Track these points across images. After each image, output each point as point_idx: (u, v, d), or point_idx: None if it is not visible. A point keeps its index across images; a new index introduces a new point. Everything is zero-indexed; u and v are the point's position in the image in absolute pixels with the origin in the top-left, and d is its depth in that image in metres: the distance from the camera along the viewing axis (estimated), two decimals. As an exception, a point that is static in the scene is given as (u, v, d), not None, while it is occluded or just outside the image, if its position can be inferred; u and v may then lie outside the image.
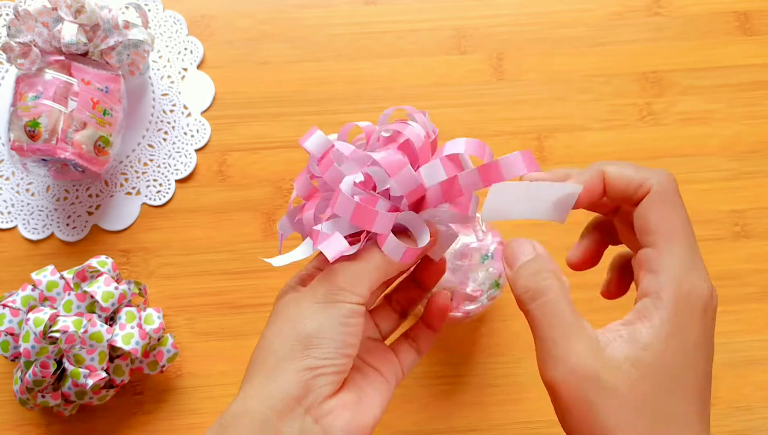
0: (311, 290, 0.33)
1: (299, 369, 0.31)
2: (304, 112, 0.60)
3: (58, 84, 0.53)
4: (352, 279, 0.32)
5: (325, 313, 0.32)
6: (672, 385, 0.28)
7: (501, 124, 0.60)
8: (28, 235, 0.58)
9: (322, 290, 0.33)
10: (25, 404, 0.52)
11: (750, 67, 0.62)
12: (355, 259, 0.33)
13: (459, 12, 0.63)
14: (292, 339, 0.32)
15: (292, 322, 0.32)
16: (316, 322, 0.32)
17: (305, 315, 0.32)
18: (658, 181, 0.31)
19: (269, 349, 0.32)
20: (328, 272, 0.33)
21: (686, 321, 0.28)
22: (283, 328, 0.32)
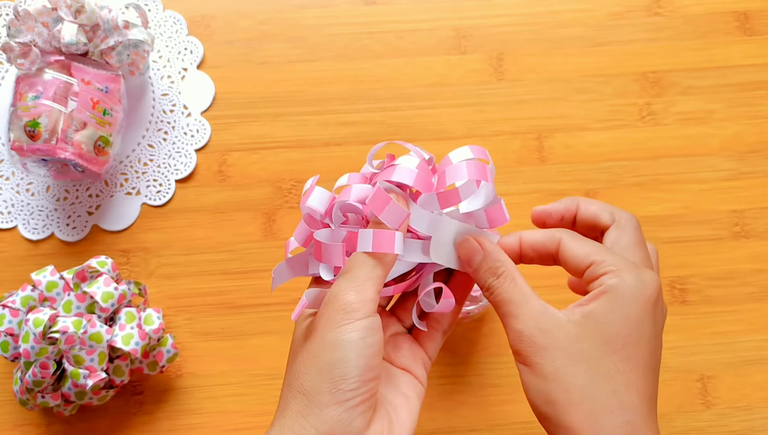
0: (323, 315, 0.32)
1: (330, 404, 0.30)
2: (304, 112, 0.60)
3: (58, 84, 0.53)
4: (358, 288, 0.32)
5: (342, 339, 0.31)
6: (612, 347, 0.31)
7: (501, 124, 0.60)
8: (28, 235, 0.58)
9: (333, 313, 0.32)
10: (25, 404, 0.52)
11: (750, 67, 0.62)
12: (348, 271, 0.33)
13: (459, 12, 0.63)
14: (317, 375, 0.31)
15: (313, 358, 0.31)
16: (337, 353, 0.31)
17: (324, 347, 0.31)
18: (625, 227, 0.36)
19: (297, 388, 0.31)
20: (335, 289, 0.32)
21: (633, 301, 0.31)
22: (307, 365, 0.32)
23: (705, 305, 0.57)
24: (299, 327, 0.34)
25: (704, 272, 0.58)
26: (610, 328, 0.31)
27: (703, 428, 0.55)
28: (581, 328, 0.31)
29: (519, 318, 0.32)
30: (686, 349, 0.56)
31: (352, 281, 0.32)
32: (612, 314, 0.31)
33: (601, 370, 0.31)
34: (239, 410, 0.55)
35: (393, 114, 0.60)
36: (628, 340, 0.31)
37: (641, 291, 0.31)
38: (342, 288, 0.32)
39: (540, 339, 0.32)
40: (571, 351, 0.31)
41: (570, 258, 0.34)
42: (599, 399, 0.30)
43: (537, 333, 0.32)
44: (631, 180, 0.59)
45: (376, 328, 0.32)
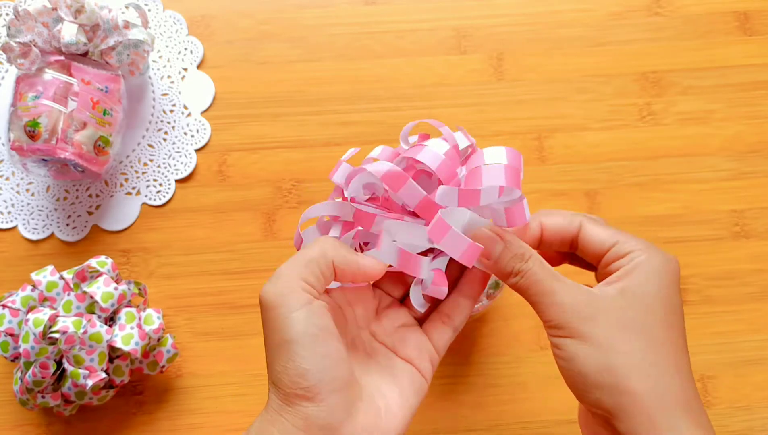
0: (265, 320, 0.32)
1: (300, 400, 0.30)
2: (304, 112, 0.60)
3: (58, 84, 0.53)
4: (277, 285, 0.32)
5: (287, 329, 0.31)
6: (656, 316, 0.32)
7: (501, 124, 0.60)
8: (28, 235, 0.58)
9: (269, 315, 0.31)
10: (25, 404, 0.52)
11: (750, 67, 0.62)
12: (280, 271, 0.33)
13: (459, 12, 0.63)
14: (282, 371, 0.31)
15: (273, 354, 0.31)
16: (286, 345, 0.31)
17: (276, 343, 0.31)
18: None
19: (273, 382, 0.31)
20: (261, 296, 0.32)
21: (664, 275, 0.33)
22: (270, 359, 0.32)
23: (705, 305, 0.57)
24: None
25: (704, 272, 0.58)
26: (649, 299, 0.32)
27: (703, 428, 0.55)
28: (624, 299, 0.32)
29: (558, 293, 0.33)
30: (686, 349, 0.56)
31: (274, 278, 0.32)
32: (648, 286, 0.32)
33: (652, 336, 0.32)
34: (239, 410, 0.55)
35: (393, 114, 0.60)
36: (667, 310, 0.32)
37: (669, 266, 0.33)
38: (266, 287, 0.32)
39: (586, 309, 0.32)
40: (620, 318, 0.32)
41: (593, 238, 0.34)
42: (658, 364, 0.31)
43: (582, 303, 0.32)
44: (631, 180, 0.59)
45: (314, 315, 0.31)
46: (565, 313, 0.32)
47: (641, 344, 0.31)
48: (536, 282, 0.33)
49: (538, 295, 0.33)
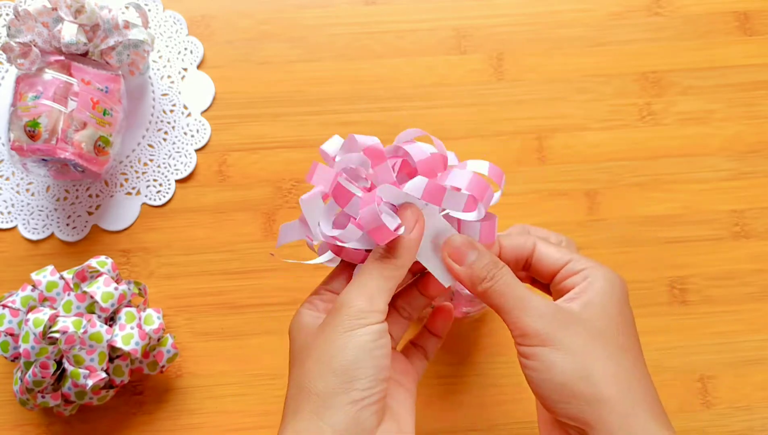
0: (334, 320, 0.33)
1: (345, 403, 0.31)
2: (304, 112, 0.60)
3: (58, 84, 0.53)
4: (367, 297, 0.33)
5: (355, 341, 0.32)
6: (618, 328, 0.34)
7: (501, 124, 0.60)
8: (28, 235, 0.58)
9: (345, 318, 0.33)
10: (25, 404, 0.52)
11: (750, 67, 0.62)
12: (362, 275, 0.34)
13: (459, 12, 0.63)
14: (331, 375, 0.32)
15: (327, 360, 0.32)
16: (350, 355, 0.32)
17: (338, 349, 0.32)
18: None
19: (310, 390, 0.32)
20: (342, 296, 0.34)
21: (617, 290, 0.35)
22: (319, 367, 0.32)
23: (705, 305, 0.57)
24: (301, 332, 0.35)
25: (704, 272, 0.58)
26: (610, 311, 0.34)
27: (703, 428, 0.55)
28: (588, 311, 0.34)
29: (533, 301, 0.34)
30: (686, 349, 0.57)
31: (363, 289, 0.33)
32: (607, 299, 0.34)
33: (618, 344, 0.33)
34: (239, 410, 0.55)
35: (393, 114, 0.60)
36: (626, 320, 0.34)
37: (619, 281, 0.35)
38: (353, 296, 0.33)
39: (562, 316, 0.33)
40: (590, 329, 0.33)
41: (546, 257, 0.36)
42: (627, 370, 0.32)
43: (557, 312, 0.33)
44: (631, 180, 0.59)
45: (386, 331, 0.33)
46: (542, 318, 0.33)
47: (612, 351, 0.32)
48: (511, 288, 0.34)
49: (512, 300, 0.34)
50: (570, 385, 0.32)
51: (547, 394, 0.32)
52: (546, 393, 0.32)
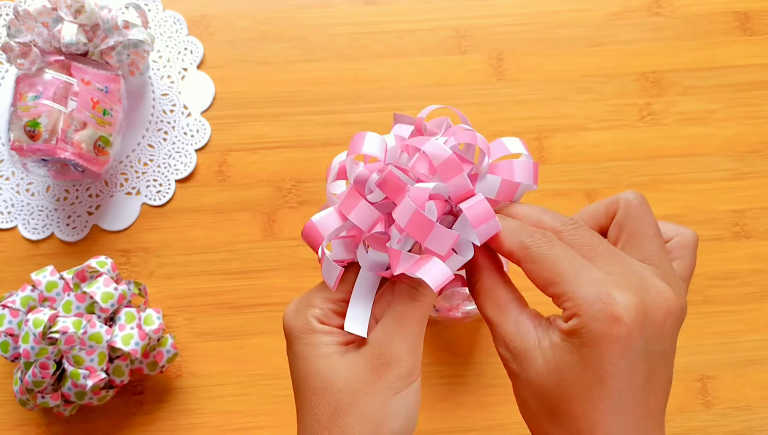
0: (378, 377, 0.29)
1: None
2: (304, 112, 0.60)
3: (58, 84, 0.53)
4: (413, 352, 0.30)
5: (404, 405, 0.29)
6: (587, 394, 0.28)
7: (501, 124, 0.60)
8: (28, 235, 0.58)
9: (392, 379, 0.29)
10: (25, 405, 0.52)
11: (750, 67, 0.62)
12: (405, 324, 0.30)
13: (459, 12, 0.63)
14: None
15: (374, 422, 0.29)
16: (400, 420, 0.29)
17: (388, 412, 0.29)
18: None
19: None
20: (388, 351, 0.29)
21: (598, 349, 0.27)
22: (366, 426, 0.29)
23: (705, 305, 0.57)
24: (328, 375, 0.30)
25: (704, 272, 0.58)
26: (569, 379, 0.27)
27: (703, 428, 0.55)
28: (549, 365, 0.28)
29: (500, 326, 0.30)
30: (686, 349, 0.57)
31: (410, 338, 0.30)
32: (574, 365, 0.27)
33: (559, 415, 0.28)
34: (239, 410, 0.55)
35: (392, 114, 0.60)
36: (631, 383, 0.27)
37: (609, 331, 0.26)
38: (402, 351, 0.29)
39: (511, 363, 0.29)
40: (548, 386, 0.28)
41: (531, 279, 0.29)
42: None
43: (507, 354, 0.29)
44: (631, 180, 0.59)
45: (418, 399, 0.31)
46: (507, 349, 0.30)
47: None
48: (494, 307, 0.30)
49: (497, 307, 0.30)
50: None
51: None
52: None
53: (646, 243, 0.30)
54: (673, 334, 0.28)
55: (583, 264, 0.28)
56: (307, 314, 0.31)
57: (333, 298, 0.31)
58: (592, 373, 0.27)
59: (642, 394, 0.27)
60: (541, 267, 0.28)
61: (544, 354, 0.28)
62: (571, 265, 0.28)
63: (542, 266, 0.28)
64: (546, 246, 0.29)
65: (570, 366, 0.27)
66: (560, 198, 0.59)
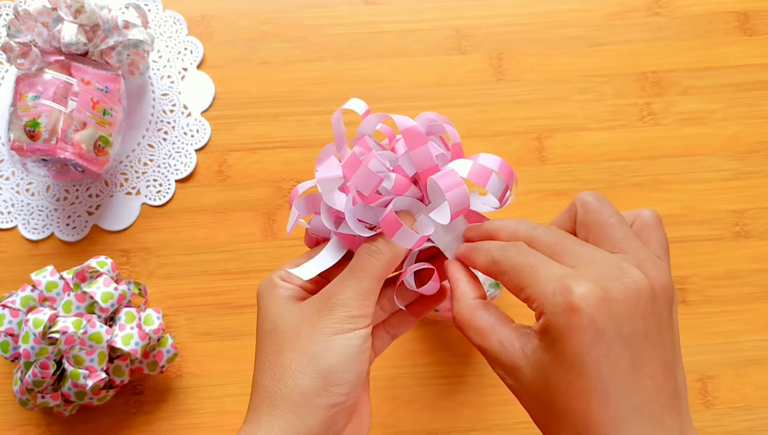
0: (325, 318, 0.32)
1: (324, 406, 0.31)
2: (304, 112, 0.60)
3: (58, 84, 0.53)
4: (360, 300, 0.32)
5: (343, 344, 0.31)
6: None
7: (501, 124, 0.60)
8: (28, 235, 0.58)
9: (337, 320, 0.32)
10: (25, 405, 0.52)
11: (750, 67, 0.62)
12: (357, 274, 0.32)
13: (459, 12, 0.63)
14: (315, 377, 0.31)
15: (311, 359, 0.31)
16: (337, 359, 0.31)
17: (325, 350, 0.31)
18: None
19: (290, 387, 0.32)
20: (335, 295, 0.32)
21: (564, 341, 0.27)
22: (303, 365, 0.32)
23: (705, 305, 0.57)
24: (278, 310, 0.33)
25: (704, 272, 0.58)
26: (552, 377, 0.28)
27: (703, 428, 0.55)
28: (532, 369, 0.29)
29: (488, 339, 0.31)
30: (686, 349, 0.56)
31: (359, 288, 0.32)
32: (552, 362, 0.28)
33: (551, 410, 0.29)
34: (239, 410, 0.55)
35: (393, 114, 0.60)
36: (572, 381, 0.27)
37: (570, 321, 0.27)
38: (349, 297, 0.32)
39: (507, 379, 0.30)
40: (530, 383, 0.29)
41: (510, 290, 0.30)
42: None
43: (501, 372, 0.30)
44: (631, 180, 0.59)
45: (370, 336, 0.33)
46: (496, 362, 0.30)
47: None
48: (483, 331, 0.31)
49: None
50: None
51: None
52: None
53: (611, 232, 0.30)
54: (655, 313, 0.28)
55: (547, 263, 0.29)
56: (273, 275, 0.35)
57: (297, 262, 0.35)
58: (569, 367, 0.27)
59: (631, 379, 0.27)
60: (510, 276, 0.30)
61: (528, 361, 0.29)
62: (534, 267, 0.29)
63: (511, 275, 0.30)
64: (514, 256, 0.30)
65: (549, 365, 0.28)
66: (560, 198, 0.59)
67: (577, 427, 0.27)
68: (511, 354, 0.29)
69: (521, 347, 0.29)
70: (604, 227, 0.30)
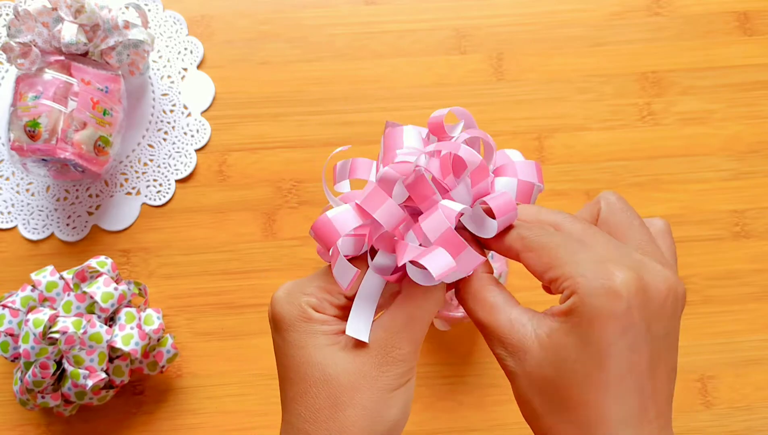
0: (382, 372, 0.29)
1: None
2: (304, 112, 0.60)
3: (58, 84, 0.53)
4: (417, 351, 0.30)
5: (403, 398, 0.29)
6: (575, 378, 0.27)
7: (501, 124, 0.60)
8: (28, 235, 0.58)
9: (396, 375, 0.29)
10: (25, 405, 0.52)
11: (750, 67, 0.62)
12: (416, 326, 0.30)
13: (459, 12, 0.63)
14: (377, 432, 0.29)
15: (374, 415, 0.29)
16: (399, 413, 0.29)
17: (389, 406, 0.29)
18: None
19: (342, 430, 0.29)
20: (395, 349, 0.29)
21: (598, 325, 0.26)
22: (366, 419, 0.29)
23: (705, 305, 0.57)
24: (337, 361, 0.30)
25: (704, 272, 0.58)
26: (569, 364, 0.27)
27: (703, 428, 0.55)
28: (545, 352, 0.28)
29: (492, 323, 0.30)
30: (686, 349, 0.56)
31: (417, 340, 0.30)
32: (573, 347, 0.27)
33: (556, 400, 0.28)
34: (239, 410, 0.55)
35: (393, 114, 0.60)
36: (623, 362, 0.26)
37: (608, 306, 0.26)
38: (408, 350, 0.29)
39: (508, 361, 0.29)
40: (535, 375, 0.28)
41: (531, 270, 0.29)
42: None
43: (504, 353, 0.29)
44: (631, 180, 0.59)
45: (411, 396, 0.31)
46: (497, 343, 0.29)
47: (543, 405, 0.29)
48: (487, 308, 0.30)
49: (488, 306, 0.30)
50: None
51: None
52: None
53: (634, 233, 0.30)
54: (676, 316, 0.28)
55: (582, 246, 0.28)
56: (301, 301, 0.30)
57: (328, 287, 0.30)
58: (591, 355, 0.26)
59: (647, 379, 0.26)
60: (539, 253, 0.28)
61: (541, 343, 0.27)
62: (569, 248, 0.28)
63: (540, 253, 0.28)
64: (544, 234, 0.29)
65: (569, 349, 0.26)
66: (560, 198, 0.59)
67: (585, 421, 0.26)
68: (521, 334, 0.28)
69: (534, 329, 0.28)
70: (630, 228, 0.30)
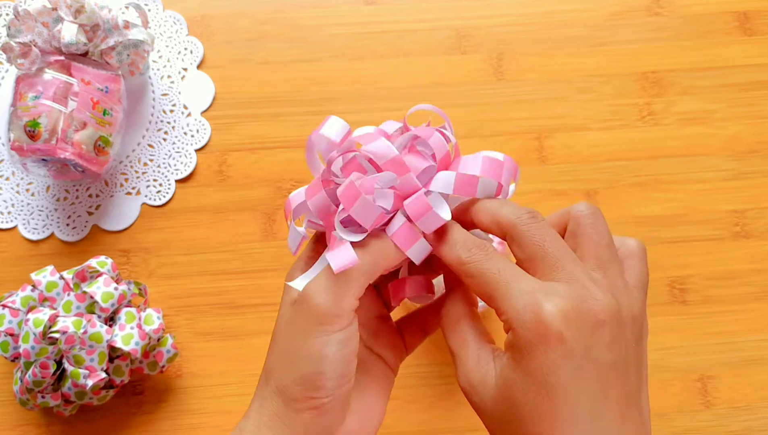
0: (299, 321, 0.30)
1: (306, 408, 0.30)
2: (304, 112, 0.60)
3: (58, 84, 0.53)
4: (335, 300, 0.29)
5: (319, 351, 0.29)
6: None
7: (501, 124, 0.60)
8: (28, 235, 0.58)
9: (308, 324, 0.30)
10: (25, 405, 0.52)
11: (750, 67, 0.62)
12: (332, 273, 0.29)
13: (459, 12, 0.63)
14: (293, 381, 0.30)
15: (290, 363, 0.30)
16: (313, 366, 0.30)
17: (301, 357, 0.30)
18: None
19: (275, 388, 0.31)
20: (307, 297, 0.30)
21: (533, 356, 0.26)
22: (283, 367, 0.31)
23: (705, 305, 0.57)
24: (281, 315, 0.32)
25: (704, 272, 0.58)
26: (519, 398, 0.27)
27: (703, 428, 0.55)
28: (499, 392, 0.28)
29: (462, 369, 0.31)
30: (686, 349, 0.57)
31: (330, 284, 0.30)
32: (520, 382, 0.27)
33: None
34: (239, 410, 0.55)
35: (393, 114, 0.60)
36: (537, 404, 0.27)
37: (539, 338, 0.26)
38: (319, 293, 0.30)
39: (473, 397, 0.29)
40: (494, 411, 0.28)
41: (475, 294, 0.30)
42: None
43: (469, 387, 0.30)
44: (631, 180, 0.59)
45: (354, 330, 0.30)
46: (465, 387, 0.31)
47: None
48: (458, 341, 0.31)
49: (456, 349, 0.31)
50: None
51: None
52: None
53: (599, 251, 0.29)
54: (622, 342, 0.27)
55: (517, 274, 0.28)
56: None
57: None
58: (537, 387, 0.26)
59: (598, 403, 0.26)
60: (478, 281, 0.28)
61: (497, 380, 0.28)
62: (504, 277, 0.28)
63: (479, 281, 0.28)
64: (482, 260, 0.29)
65: (517, 384, 0.27)
66: (560, 198, 0.59)
67: None
68: (484, 371, 0.29)
69: (495, 367, 0.28)
70: (594, 245, 0.29)
